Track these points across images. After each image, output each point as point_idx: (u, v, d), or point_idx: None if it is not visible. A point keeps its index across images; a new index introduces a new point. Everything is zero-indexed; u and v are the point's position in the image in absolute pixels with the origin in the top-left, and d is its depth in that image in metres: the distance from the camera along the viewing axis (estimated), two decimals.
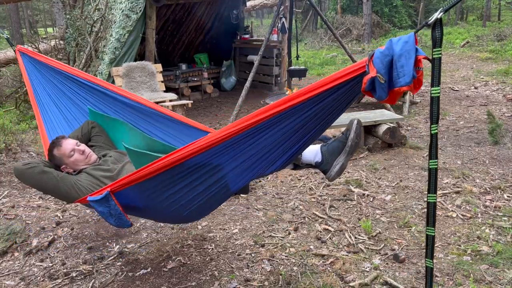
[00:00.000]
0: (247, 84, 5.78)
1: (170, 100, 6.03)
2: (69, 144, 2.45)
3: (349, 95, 1.62)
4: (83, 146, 2.51)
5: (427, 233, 1.60)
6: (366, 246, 2.81)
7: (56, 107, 2.82)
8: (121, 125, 2.68)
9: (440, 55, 1.38)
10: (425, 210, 3.25)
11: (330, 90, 1.56)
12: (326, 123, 1.82)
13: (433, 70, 1.40)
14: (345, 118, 4.69)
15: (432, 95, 1.44)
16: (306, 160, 2.21)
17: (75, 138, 2.59)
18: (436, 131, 1.48)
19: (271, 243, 2.89)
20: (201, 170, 1.85)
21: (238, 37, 8.90)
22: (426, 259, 1.63)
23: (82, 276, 2.60)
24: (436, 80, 1.41)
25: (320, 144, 2.21)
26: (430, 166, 1.53)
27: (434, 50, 1.37)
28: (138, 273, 2.62)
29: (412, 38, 1.38)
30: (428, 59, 1.39)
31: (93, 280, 2.55)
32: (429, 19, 1.36)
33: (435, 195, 1.55)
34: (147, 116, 2.67)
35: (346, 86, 1.54)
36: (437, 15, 1.34)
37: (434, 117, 1.47)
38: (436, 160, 1.51)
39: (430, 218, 1.58)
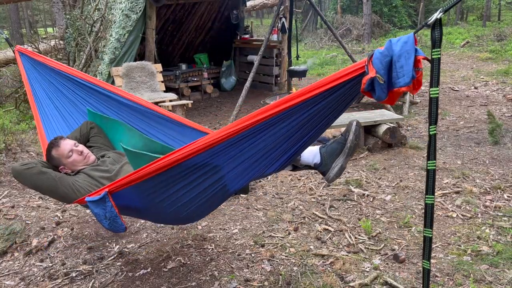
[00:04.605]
0: (247, 84, 5.78)
1: (170, 100, 6.03)
2: (67, 144, 2.43)
3: (348, 96, 1.61)
4: (81, 147, 2.49)
5: (424, 234, 1.60)
6: (366, 246, 2.81)
7: (54, 107, 2.81)
8: (120, 126, 2.67)
9: (439, 56, 1.37)
10: None
11: (329, 91, 1.55)
12: (326, 124, 1.80)
13: (432, 70, 1.39)
14: (345, 118, 4.69)
15: (431, 95, 1.43)
16: (305, 162, 2.19)
17: (74, 138, 2.58)
18: (434, 131, 1.47)
19: (271, 243, 2.89)
20: (199, 171, 1.83)
21: (238, 37, 8.90)
22: (423, 261, 1.63)
23: (82, 276, 2.60)
24: (435, 81, 1.41)
25: (319, 146, 2.19)
26: (429, 167, 1.52)
27: (433, 50, 1.37)
28: (138, 273, 2.62)
29: (411, 39, 1.37)
30: (428, 60, 1.39)
31: (93, 280, 2.55)
32: (429, 19, 1.35)
33: (433, 196, 1.55)
34: (146, 116, 2.66)
35: (346, 87, 1.54)
36: (436, 15, 1.33)
37: (433, 118, 1.46)
38: (435, 161, 1.51)
39: (428, 219, 1.57)
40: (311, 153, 2.17)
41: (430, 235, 1.59)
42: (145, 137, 2.56)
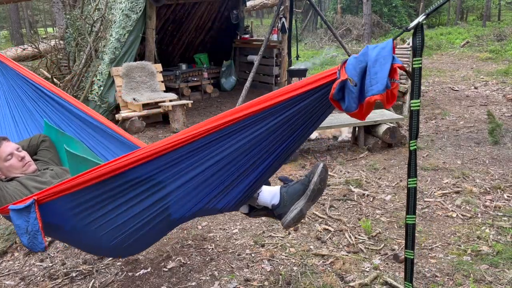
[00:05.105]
0: (247, 84, 5.78)
1: (170, 100, 6.04)
2: (8, 147, 2.23)
3: (319, 106, 1.47)
4: (24, 153, 2.30)
5: (406, 256, 1.47)
6: (366, 246, 2.81)
7: (10, 112, 2.68)
8: (75, 144, 2.50)
9: (420, 65, 1.28)
10: (425, 210, 3.26)
11: (298, 98, 1.43)
12: (292, 142, 1.62)
13: (413, 81, 1.28)
14: (345, 118, 4.69)
15: (412, 108, 1.33)
16: (262, 201, 1.94)
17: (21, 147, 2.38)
18: (415, 147, 1.35)
19: (271, 243, 2.90)
20: (141, 187, 1.67)
21: (238, 37, 8.90)
22: (406, 283, 1.52)
23: (82, 276, 2.60)
24: (416, 92, 1.30)
25: (280, 186, 1.98)
26: (409, 185, 1.38)
27: (414, 59, 1.27)
28: (138, 273, 2.62)
29: (389, 45, 1.28)
30: (405, 70, 1.29)
31: (93, 280, 2.55)
32: (410, 24, 1.25)
33: (414, 216, 1.43)
34: (104, 137, 2.53)
35: (316, 95, 1.42)
36: (419, 19, 1.24)
37: (414, 132, 1.34)
38: (415, 178, 1.38)
39: (409, 241, 1.45)
40: (270, 193, 1.93)
41: (412, 257, 1.46)
42: (98, 158, 2.45)
